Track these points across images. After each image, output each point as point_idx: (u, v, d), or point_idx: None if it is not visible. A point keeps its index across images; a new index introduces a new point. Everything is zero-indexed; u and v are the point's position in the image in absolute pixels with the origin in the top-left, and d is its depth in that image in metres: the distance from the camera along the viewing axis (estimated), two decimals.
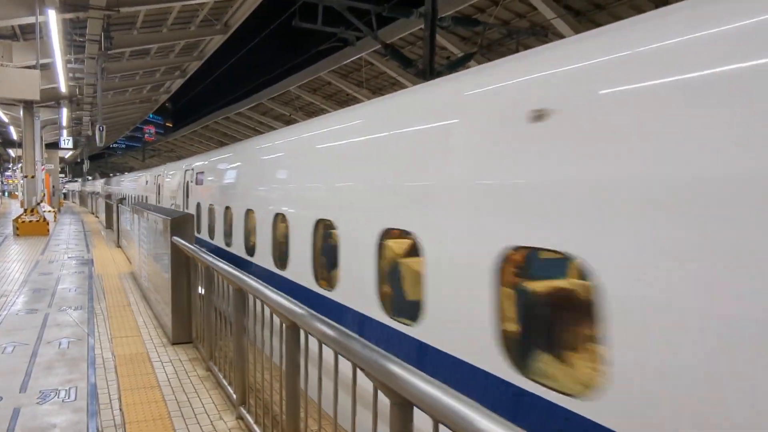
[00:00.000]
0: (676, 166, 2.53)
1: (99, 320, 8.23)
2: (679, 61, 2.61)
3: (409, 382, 2.18)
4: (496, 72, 4.10)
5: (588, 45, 3.30)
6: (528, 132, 3.34)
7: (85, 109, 31.81)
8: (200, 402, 5.30)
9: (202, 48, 24.19)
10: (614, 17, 14.34)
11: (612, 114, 2.87)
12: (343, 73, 23.75)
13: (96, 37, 16.80)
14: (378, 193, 4.99)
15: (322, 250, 6.12)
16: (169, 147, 62.08)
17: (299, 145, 7.45)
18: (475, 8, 15.78)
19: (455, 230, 3.91)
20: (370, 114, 5.92)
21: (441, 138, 4.28)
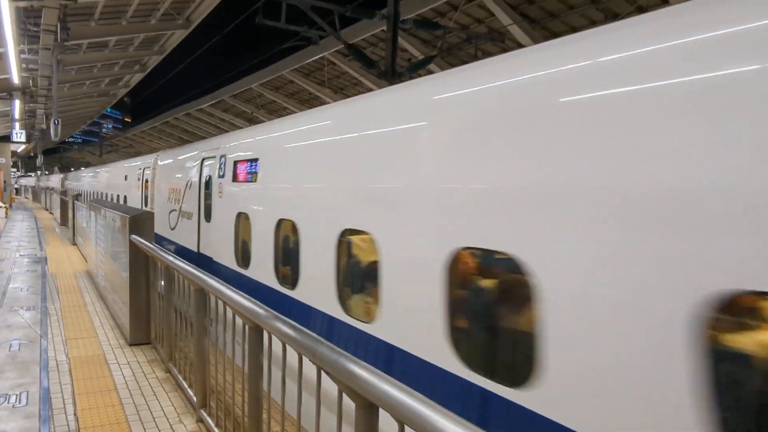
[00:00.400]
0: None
1: (52, 321, 8.00)
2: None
3: (374, 385, 2.19)
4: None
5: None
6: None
7: (39, 102, 30.83)
8: (159, 405, 5.19)
9: (162, 42, 23.70)
10: (567, 26, 14.72)
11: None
12: (306, 72, 23.63)
13: (51, 27, 16.28)
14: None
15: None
16: (128, 143, 60.77)
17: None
18: (436, 12, 15.98)
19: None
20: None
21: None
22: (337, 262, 4.88)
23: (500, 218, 3.21)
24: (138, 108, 78.44)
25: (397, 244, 4.15)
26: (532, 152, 3.08)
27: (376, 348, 4.26)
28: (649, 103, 2.54)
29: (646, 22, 2.87)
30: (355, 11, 12.11)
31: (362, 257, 4.85)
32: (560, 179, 2.89)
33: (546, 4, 14.45)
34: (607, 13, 13.76)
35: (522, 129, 3.18)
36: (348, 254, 4.96)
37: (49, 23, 15.88)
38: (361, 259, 4.87)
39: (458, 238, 3.51)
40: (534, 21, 14.98)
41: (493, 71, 3.76)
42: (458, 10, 15.32)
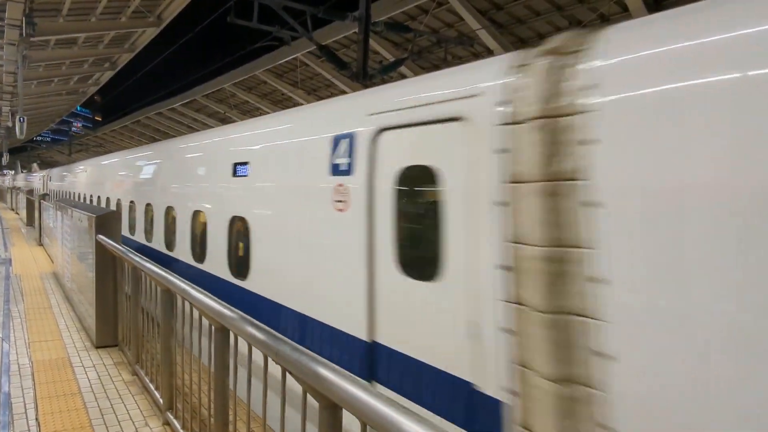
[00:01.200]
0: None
1: (16, 324, 7.83)
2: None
3: (337, 385, 2.20)
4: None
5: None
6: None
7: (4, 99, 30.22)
8: (125, 408, 5.12)
9: (133, 40, 23.40)
10: (533, 32, 14.98)
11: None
12: (279, 73, 23.55)
13: (16, 22, 15.95)
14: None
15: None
16: (98, 141, 59.81)
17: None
18: (407, 15, 16.14)
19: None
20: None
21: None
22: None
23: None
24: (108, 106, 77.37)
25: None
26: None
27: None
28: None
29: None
30: (327, 12, 12.10)
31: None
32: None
33: (513, 10, 14.71)
34: (571, 20, 14.05)
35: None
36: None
37: (13, 18, 15.56)
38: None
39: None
40: (502, 26, 15.25)
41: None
42: (428, 13, 15.49)
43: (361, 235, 4.24)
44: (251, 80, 25.31)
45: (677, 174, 2.37)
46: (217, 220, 6.87)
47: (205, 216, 7.35)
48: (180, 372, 4.69)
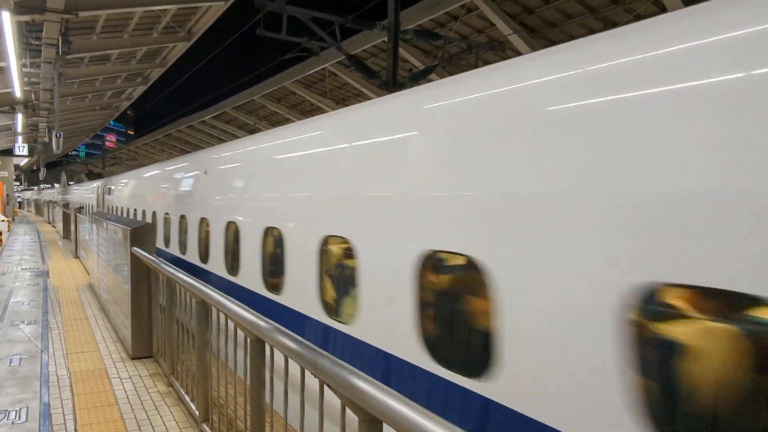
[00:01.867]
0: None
1: (54, 335, 7.94)
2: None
3: (377, 399, 2.15)
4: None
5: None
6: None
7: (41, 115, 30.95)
8: (161, 420, 5.13)
9: (164, 55, 23.82)
10: (566, 35, 14.80)
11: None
12: (308, 83, 23.72)
13: (53, 41, 16.35)
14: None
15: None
16: (131, 155, 60.97)
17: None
18: (436, 22, 16.11)
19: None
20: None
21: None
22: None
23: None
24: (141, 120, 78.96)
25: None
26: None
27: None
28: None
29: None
30: (356, 22, 12.14)
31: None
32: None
33: (545, 14, 14.56)
34: (606, 22, 13.84)
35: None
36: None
37: (50, 37, 15.95)
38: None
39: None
40: (533, 30, 15.10)
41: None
42: (458, 20, 15.43)
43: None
44: (280, 91, 25.54)
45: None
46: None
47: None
48: (215, 384, 4.68)
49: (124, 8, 15.86)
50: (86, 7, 14.56)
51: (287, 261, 5.79)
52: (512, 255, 3.14)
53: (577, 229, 2.76)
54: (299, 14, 11.90)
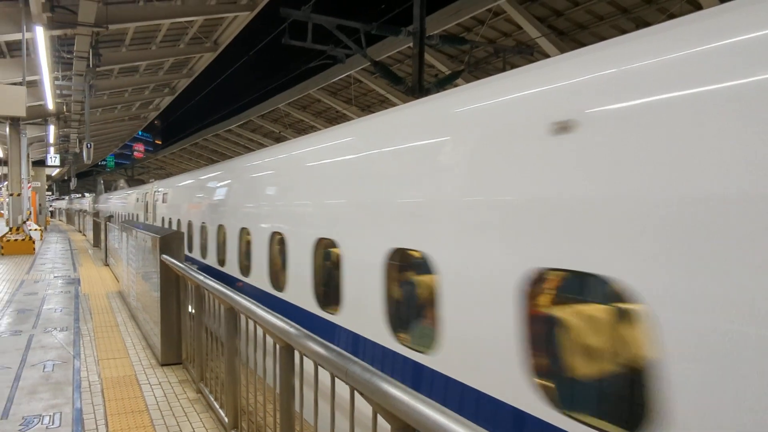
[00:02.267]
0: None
1: (85, 341, 8.05)
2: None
3: (410, 406, 2.11)
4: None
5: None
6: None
7: (72, 126, 31.63)
8: (190, 426, 5.15)
9: (191, 65, 24.18)
10: (596, 37, 14.61)
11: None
12: (332, 91, 23.83)
13: (84, 54, 16.70)
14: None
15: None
16: (159, 164, 61.87)
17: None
18: (462, 27, 16.03)
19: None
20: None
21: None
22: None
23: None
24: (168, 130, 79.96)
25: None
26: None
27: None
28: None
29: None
30: (381, 29, 12.17)
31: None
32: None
33: (575, 16, 14.40)
34: (638, 23, 13.65)
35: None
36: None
37: (81, 50, 16.29)
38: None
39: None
40: (563, 33, 14.94)
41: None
42: (485, 24, 15.36)
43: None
44: (305, 99, 25.70)
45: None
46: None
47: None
48: (244, 391, 4.69)
49: (152, 21, 16.13)
50: (116, 20, 14.83)
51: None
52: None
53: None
54: (324, 22, 11.97)
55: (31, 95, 18.69)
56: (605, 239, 2.74)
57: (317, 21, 11.94)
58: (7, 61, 18.00)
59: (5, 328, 8.84)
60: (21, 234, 21.30)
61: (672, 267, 2.43)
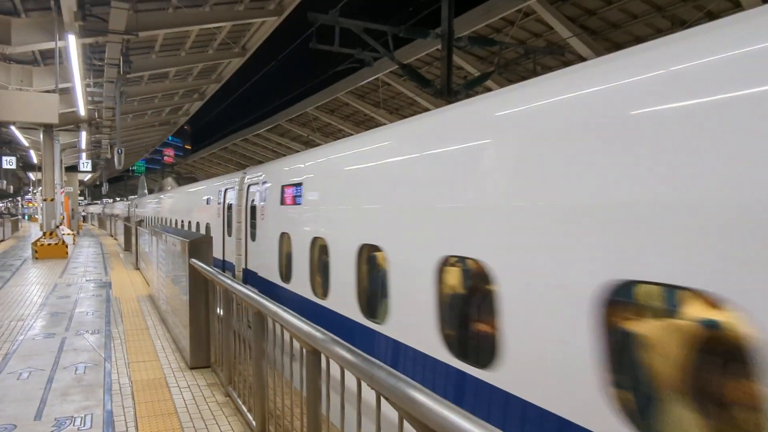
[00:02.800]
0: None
1: (116, 344, 8.12)
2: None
3: (435, 412, 2.07)
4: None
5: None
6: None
7: (104, 133, 32.20)
8: (219, 429, 5.14)
9: (220, 71, 24.41)
10: (631, 36, 14.35)
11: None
12: (360, 94, 23.85)
13: (115, 61, 16.98)
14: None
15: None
16: (188, 169, 62.65)
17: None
18: (491, 28, 15.87)
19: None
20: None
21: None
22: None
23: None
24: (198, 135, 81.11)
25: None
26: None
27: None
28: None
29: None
30: (409, 31, 12.13)
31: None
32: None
33: (607, 15, 14.16)
34: (673, 21, 13.35)
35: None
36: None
37: (112, 57, 16.55)
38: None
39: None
40: (595, 32, 14.69)
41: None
42: (515, 25, 15.19)
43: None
44: (333, 102, 25.77)
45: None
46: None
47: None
48: (272, 395, 4.66)
49: (181, 27, 16.32)
50: (146, 27, 15.04)
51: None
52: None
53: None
54: (352, 26, 11.97)
55: (63, 102, 19.06)
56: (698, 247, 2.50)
57: (345, 25, 11.94)
58: (40, 70, 18.37)
59: (39, 330, 8.98)
60: (54, 238, 21.69)
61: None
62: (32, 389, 6.11)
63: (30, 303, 11.42)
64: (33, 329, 9.05)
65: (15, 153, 30.51)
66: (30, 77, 17.91)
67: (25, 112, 16.24)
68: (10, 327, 9.18)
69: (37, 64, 18.39)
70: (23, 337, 8.52)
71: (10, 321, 9.64)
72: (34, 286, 13.76)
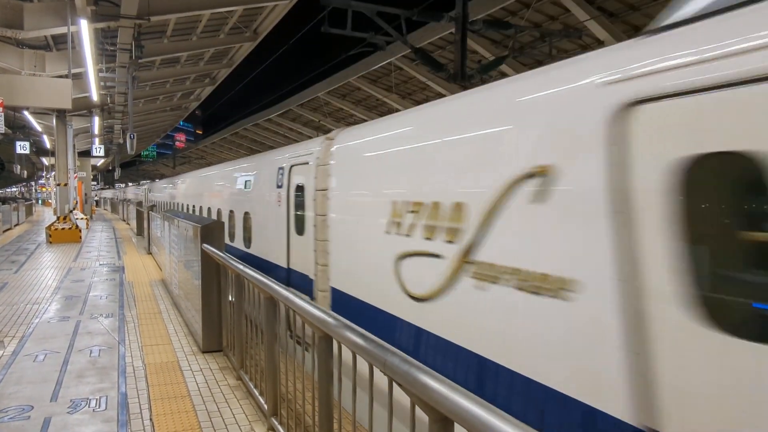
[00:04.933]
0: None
1: (130, 328, 8.20)
2: None
3: (448, 398, 2.07)
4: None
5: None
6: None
7: (116, 118, 32.33)
8: (231, 412, 5.18)
9: (231, 55, 24.38)
10: (650, 18, 14.12)
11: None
12: (372, 78, 23.73)
13: (127, 46, 17.00)
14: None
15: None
16: (199, 154, 62.79)
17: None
18: (507, 11, 15.69)
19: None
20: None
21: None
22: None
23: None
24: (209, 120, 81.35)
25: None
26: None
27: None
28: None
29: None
30: (422, 14, 11.99)
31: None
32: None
33: None
34: None
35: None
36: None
37: (124, 42, 16.58)
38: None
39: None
40: (613, 15, 14.48)
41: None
42: (530, 7, 15.01)
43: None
44: (345, 87, 25.67)
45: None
46: None
47: None
48: (284, 379, 4.69)
49: (192, 11, 16.28)
50: (157, 11, 15.02)
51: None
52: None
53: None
54: (364, 9, 11.86)
55: (76, 87, 19.14)
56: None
57: (357, 8, 11.83)
58: (53, 55, 18.43)
59: (54, 314, 9.08)
60: (68, 223, 21.87)
61: None
62: (48, 371, 6.19)
63: (45, 287, 11.54)
64: (48, 312, 9.15)
65: (28, 138, 30.68)
66: (43, 62, 17.97)
67: (39, 97, 16.34)
68: (26, 310, 9.28)
69: (49, 50, 18.44)
70: (38, 320, 8.62)
71: (26, 304, 9.75)
72: (49, 270, 13.89)
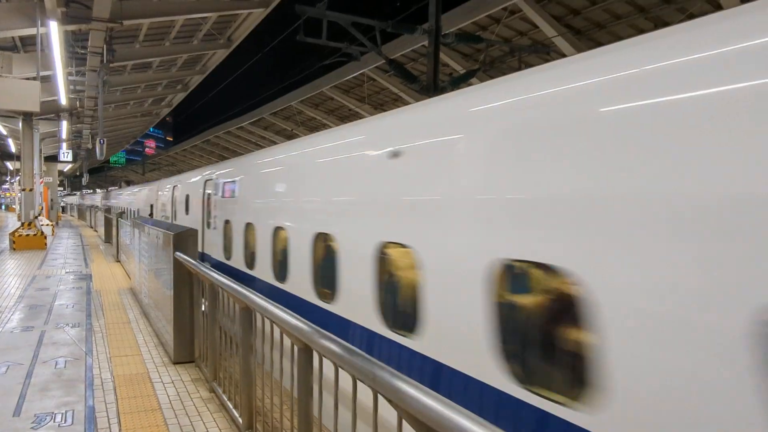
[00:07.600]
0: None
1: (97, 338, 8.00)
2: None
3: (440, 413, 2.02)
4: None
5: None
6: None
7: (85, 122, 31.73)
8: (204, 426, 5.07)
9: (204, 62, 24.17)
10: (614, 36, 14.47)
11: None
12: (345, 89, 23.77)
13: (98, 49, 16.72)
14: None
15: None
16: (169, 161, 62.05)
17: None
18: (478, 26, 15.93)
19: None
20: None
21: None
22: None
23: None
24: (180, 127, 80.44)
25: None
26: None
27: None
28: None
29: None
30: (396, 26, 12.08)
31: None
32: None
33: (592, 15, 14.28)
34: (656, 23, 13.49)
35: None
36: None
37: (95, 45, 16.31)
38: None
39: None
40: (579, 32, 14.80)
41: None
42: (500, 23, 15.25)
43: None
44: (318, 97, 25.68)
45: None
46: None
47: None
48: (259, 391, 4.60)
49: (166, 17, 16.10)
50: (130, 15, 14.82)
51: None
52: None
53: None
54: (339, 20, 11.88)
55: (44, 90, 18.74)
56: None
57: (332, 18, 11.85)
58: (21, 56, 18.03)
59: (17, 323, 8.81)
60: (33, 229, 21.35)
61: None
62: (10, 384, 5.98)
63: (7, 295, 11.22)
64: (11, 322, 8.88)
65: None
66: (10, 64, 17.56)
67: (5, 99, 15.94)
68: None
69: (17, 51, 18.04)
70: (0, 330, 8.36)
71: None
72: (12, 278, 13.52)
